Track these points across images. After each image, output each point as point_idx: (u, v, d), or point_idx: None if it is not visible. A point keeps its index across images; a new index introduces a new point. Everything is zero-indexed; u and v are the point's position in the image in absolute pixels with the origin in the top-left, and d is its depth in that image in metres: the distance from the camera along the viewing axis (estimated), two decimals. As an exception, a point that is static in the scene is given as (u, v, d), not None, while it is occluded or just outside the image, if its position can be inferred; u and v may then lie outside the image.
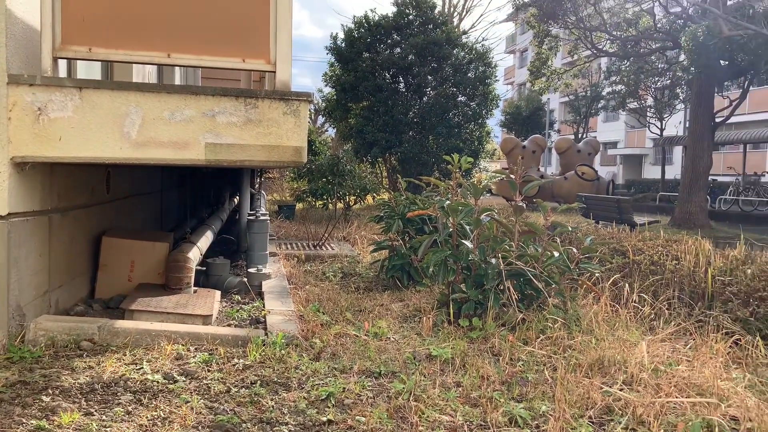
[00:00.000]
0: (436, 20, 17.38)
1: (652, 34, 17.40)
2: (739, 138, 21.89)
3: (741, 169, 21.81)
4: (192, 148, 3.55)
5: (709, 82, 15.39)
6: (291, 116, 3.77)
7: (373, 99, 16.47)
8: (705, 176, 15.46)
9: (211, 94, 3.58)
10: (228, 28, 3.69)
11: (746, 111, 26.35)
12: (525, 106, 34.17)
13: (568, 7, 17.31)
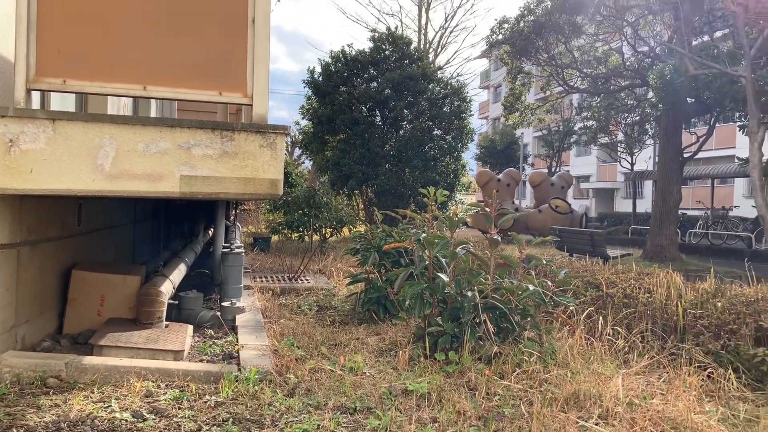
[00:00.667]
0: (412, 56, 17.70)
1: (621, 72, 17.94)
2: (707, 173, 22.48)
3: (710, 204, 22.33)
4: (167, 180, 3.52)
5: (676, 119, 15.86)
6: (267, 149, 3.77)
7: (350, 132, 16.61)
8: (675, 210, 15.80)
9: (187, 126, 3.57)
10: (205, 61, 3.71)
11: (713, 147, 27.13)
12: (499, 140, 34.75)
13: (540, 45, 17.81)
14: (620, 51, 18.36)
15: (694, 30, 15.25)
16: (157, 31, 3.63)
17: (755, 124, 10.44)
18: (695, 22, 15.19)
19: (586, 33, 18.14)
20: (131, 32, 3.57)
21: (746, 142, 11.46)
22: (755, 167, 10.28)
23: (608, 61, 19.06)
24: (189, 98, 3.70)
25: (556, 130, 31.72)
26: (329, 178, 17.24)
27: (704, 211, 22.72)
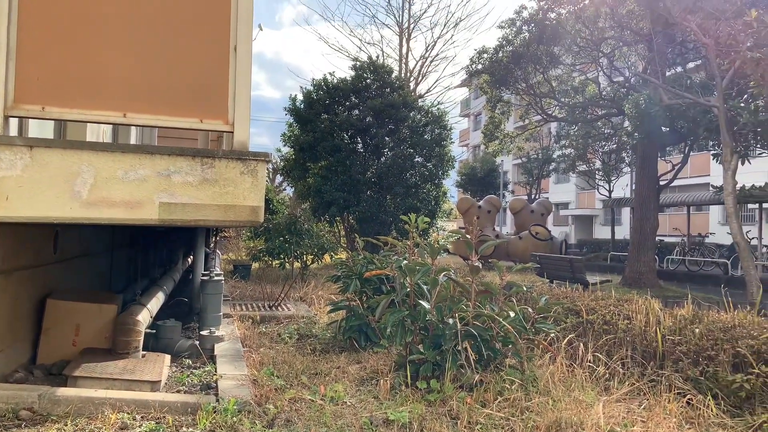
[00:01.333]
0: (393, 84, 17.91)
1: (598, 102, 18.31)
2: (683, 200, 22.87)
3: (686, 231, 22.67)
4: (145, 207, 3.49)
5: (652, 147, 16.18)
6: (248, 176, 3.77)
7: (332, 159, 16.65)
8: (652, 237, 16.01)
9: (167, 153, 3.55)
10: (186, 89, 3.71)
11: (688, 175, 27.65)
12: (480, 168, 35.08)
13: (518, 75, 18.14)
14: (597, 81, 18.77)
15: (668, 61, 15.67)
16: (138, 58, 3.64)
17: (728, 152, 10.69)
18: (668, 54, 15.62)
19: (564, 63, 18.54)
20: (112, 60, 3.57)
21: (720, 170, 11.72)
22: (729, 195, 10.48)
23: (585, 91, 19.46)
24: (169, 125, 3.70)
25: (535, 158, 32.14)
26: (311, 205, 17.22)
27: (681, 237, 23.05)
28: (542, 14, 16.93)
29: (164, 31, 3.73)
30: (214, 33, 3.81)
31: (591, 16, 16.39)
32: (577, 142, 22.77)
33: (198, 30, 3.81)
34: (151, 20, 3.71)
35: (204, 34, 3.81)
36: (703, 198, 21.44)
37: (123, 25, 3.64)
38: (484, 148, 27.37)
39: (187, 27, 3.78)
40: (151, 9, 3.71)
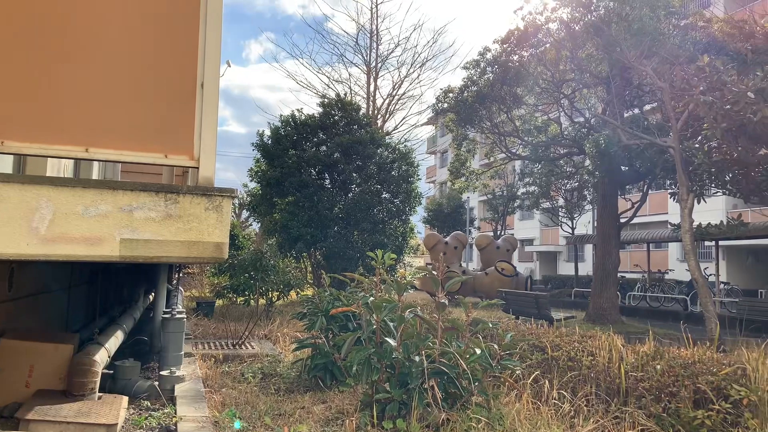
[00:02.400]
0: (360, 121, 18.11)
1: (560, 141, 18.81)
2: (643, 237, 23.44)
3: (646, 267, 23.18)
4: (106, 243, 3.42)
5: (612, 186, 16.63)
6: (213, 212, 3.73)
7: (299, 194, 16.63)
8: (614, 273, 16.31)
9: (129, 189, 3.50)
10: (151, 123, 3.69)
11: (647, 212, 28.42)
12: (446, 204, 35.45)
13: (483, 114, 18.55)
14: (558, 121, 19.32)
15: (626, 103, 16.25)
16: (102, 92, 3.61)
17: (684, 191, 11.05)
18: (626, 96, 16.21)
19: (527, 103, 19.05)
20: (74, 93, 3.53)
21: (677, 208, 12.09)
22: (686, 232, 10.80)
23: (548, 130, 19.99)
24: (133, 161, 3.65)
25: (500, 195, 32.66)
26: (277, 241, 17.09)
27: (642, 274, 23.55)
28: (505, 56, 17.45)
29: (130, 66, 3.72)
30: (180, 69, 3.81)
31: (552, 59, 16.96)
32: (540, 180, 23.29)
33: (165, 65, 3.80)
34: (116, 55, 3.69)
35: (171, 69, 3.81)
36: (661, 235, 22.02)
37: (86, 59, 3.61)
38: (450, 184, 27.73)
39: (154, 62, 3.78)
40: (117, 44, 3.70)
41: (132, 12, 3.75)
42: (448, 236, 22.91)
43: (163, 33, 4.01)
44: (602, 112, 16.66)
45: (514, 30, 17.22)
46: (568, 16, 15.94)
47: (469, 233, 34.15)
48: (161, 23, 3.89)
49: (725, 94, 10.38)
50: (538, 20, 16.50)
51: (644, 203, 17.41)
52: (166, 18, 3.91)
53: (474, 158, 22.45)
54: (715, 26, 13.17)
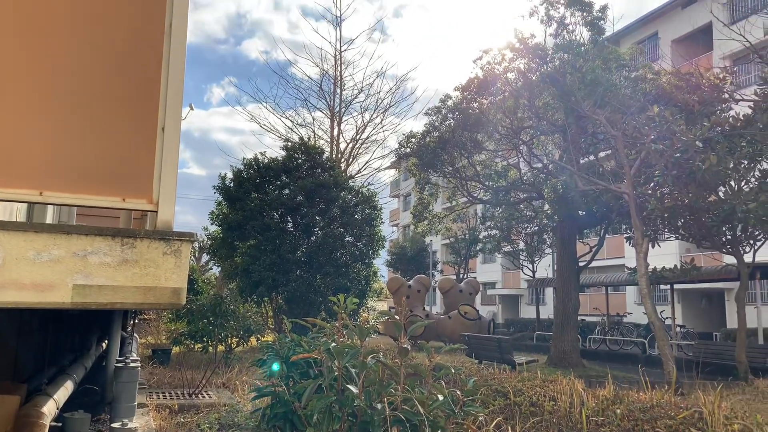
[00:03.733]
0: (324, 165, 18.20)
1: (520, 186, 19.24)
2: (601, 281, 23.89)
3: (605, 310, 23.56)
4: (58, 290, 3.30)
5: (571, 229, 17.00)
6: (171, 256, 3.65)
7: (261, 237, 16.47)
8: (574, 316, 16.51)
9: (84, 233, 3.41)
10: (109, 167, 3.63)
11: (605, 256, 29.06)
12: (410, 247, 35.58)
13: (445, 159, 18.89)
14: (518, 166, 19.79)
15: (581, 150, 16.80)
16: (59, 135, 3.55)
17: (639, 236, 11.37)
18: (582, 143, 16.77)
19: (487, 149, 19.50)
20: (29, 136, 3.46)
21: (634, 252, 12.41)
22: (642, 276, 11.06)
23: (507, 175, 20.44)
24: (89, 204, 3.57)
25: (462, 239, 32.98)
26: (238, 285, 16.79)
27: (601, 317, 23.90)
28: (466, 103, 17.93)
29: (89, 107, 3.67)
30: (141, 112, 3.78)
31: (511, 107, 17.49)
32: (501, 224, 23.68)
33: (125, 108, 3.77)
34: (74, 96, 3.65)
35: (131, 113, 3.78)
36: (619, 279, 22.49)
37: (43, 100, 3.56)
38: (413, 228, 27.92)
39: (114, 105, 3.75)
40: (76, 86, 3.67)
41: (92, 54, 3.73)
42: (412, 280, 22.92)
43: (125, 75, 3.99)
44: (559, 159, 17.16)
45: (473, 78, 17.76)
46: (524, 66, 16.55)
47: (432, 276, 34.23)
48: (123, 65, 3.88)
49: (675, 142, 10.84)
50: (496, 70, 17.06)
51: (602, 247, 17.82)
52: (128, 60, 3.90)
53: (436, 202, 22.73)
54: (664, 78, 13.85)
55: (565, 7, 16.51)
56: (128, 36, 3.72)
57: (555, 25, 16.66)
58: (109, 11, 3.59)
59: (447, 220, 23.87)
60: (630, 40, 29.20)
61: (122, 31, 3.66)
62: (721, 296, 25.54)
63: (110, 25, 3.62)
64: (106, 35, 3.60)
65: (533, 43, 16.48)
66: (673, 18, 28.89)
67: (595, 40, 16.33)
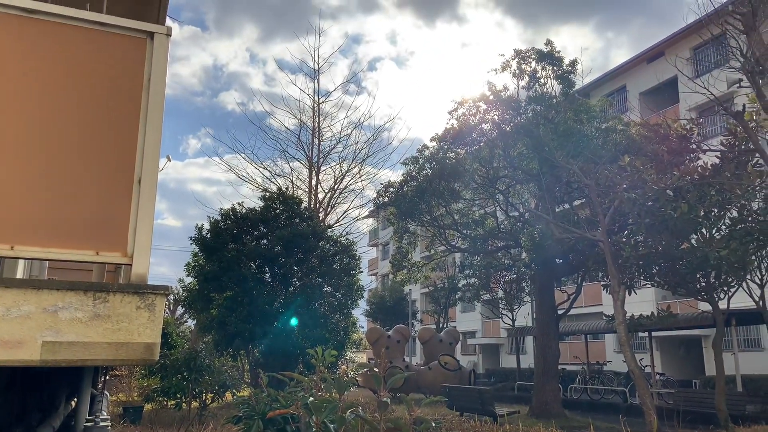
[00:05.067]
0: (302, 214, 18.18)
1: (497, 234, 19.40)
2: (580, 329, 23.90)
3: (585, 359, 23.48)
4: (26, 347, 3.20)
5: (548, 278, 17.09)
6: (145, 310, 3.57)
7: (238, 289, 16.23)
8: (555, 365, 16.42)
9: (55, 288, 3.34)
10: (83, 220, 3.58)
11: (583, 304, 29.14)
12: (389, 297, 35.38)
13: (423, 208, 19.04)
14: (495, 215, 20.02)
15: (556, 199, 17.09)
16: (31, 187, 3.51)
17: (616, 284, 11.47)
18: (556, 192, 17.07)
19: (464, 198, 19.73)
20: (0, 188, 3.42)
21: (611, 300, 12.49)
22: (620, 324, 11.10)
23: (485, 224, 20.62)
24: (62, 258, 3.50)
25: (441, 287, 32.91)
26: (213, 338, 16.43)
27: (581, 366, 23.79)
28: (442, 153, 18.23)
29: (63, 159, 3.64)
30: (118, 164, 3.76)
31: (486, 157, 17.82)
32: (480, 272, 23.73)
33: (101, 160, 3.75)
34: (48, 148, 3.62)
35: (107, 165, 3.75)
36: (597, 326, 22.52)
37: (16, 152, 3.53)
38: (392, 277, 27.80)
39: (90, 157, 3.72)
40: (50, 136, 3.64)
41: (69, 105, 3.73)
42: (391, 330, 22.69)
43: (102, 127, 3.98)
44: (535, 207, 17.41)
45: (449, 129, 18.12)
46: (499, 117, 16.97)
47: (411, 326, 33.94)
48: (100, 118, 3.88)
49: (646, 191, 11.09)
50: (471, 121, 17.46)
51: (579, 295, 17.91)
52: (106, 113, 3.90)
53: (415, 250, 22.76)
54: (633, 130, 14.29)
55: (536, 61, 17.10)
56: (107, 88, 3.74)
57: (527, 78, 17.21)
58: (88, 64, 3.62)
59: (426, 268, 23.84)
60: (599, 92, 30.18)
61: (101, 83, 3.68)
62: (698, 343, 25.67)
63: (88, 78, 3.64)
64: (84, 87, 3.62)
65: (506, 95, 16.96)
66: (639, 72, 30.03)
67: (566, 93, 16.87)
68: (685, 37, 25.59)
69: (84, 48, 3.57)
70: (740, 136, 11.38)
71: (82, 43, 3.55)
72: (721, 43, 13.58)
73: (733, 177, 11.07)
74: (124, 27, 3.57)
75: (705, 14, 10.73)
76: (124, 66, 3.72)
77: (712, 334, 17.35)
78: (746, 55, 8.94)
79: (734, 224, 11.67)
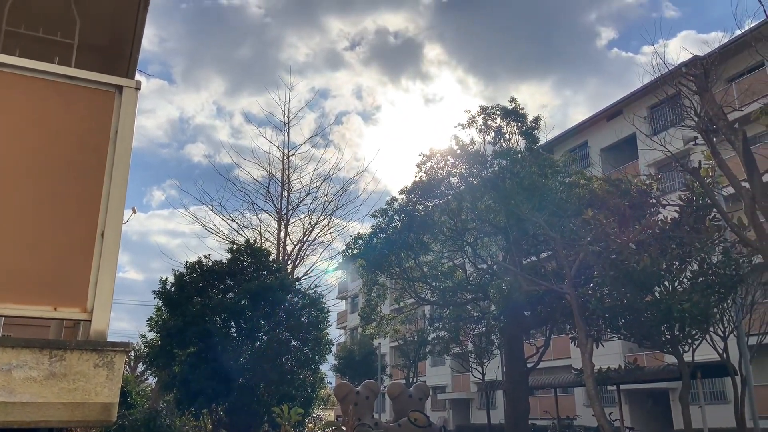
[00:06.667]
0: (270, 267, 17.96)
1: (466, 287, 19.46)
2: (550, 383, 23.79)
3: (555, 413, 23.28)
4: (-26, 408, 3.04)
5: (517, 330, 17.11)
6: (103, 369, 3.44)
7: (202, 344, 15.77)
8: (525, 421, 16.24)
9: (9, 345, 3.20)
10: (41, 274, 3.47)
11: (552, 357, 29.08)
12: (358, 351, 34.82)
13: (392, 260, 19.05)
14: (463, 267, 20.11)
15: (523, 251, 17.30)
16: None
17: (583, 336, 11.54)
18: (523, 245, 17.30)
19: (433, 250, 19.83)
20: (-41, 243, 3.31)
21: (579, 353, 12.53)
22: (589, 377, 11.11)
23: (454, 276, 20.68)
24: (16, 314, 3.38)
25: (411, 341, 32.56)
26: (175, 397, 15.81)
27: (551, 421, 23.56)
28: (411, 206, 18.41)
29: (22, 211, 3.56)
30: (80, 217, 3.68)
31: (455, 209, 18.05)
32: (449, 325, 23.64)
33: (63, 213, 3.67)
34: (6, 199, 3.54)
35: (69, 217, 3.67)
36: (566, 380, 22.45)
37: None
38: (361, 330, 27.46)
39: (51, 209, 3.64)
40: (9, 187, 3.56)
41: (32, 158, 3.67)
42: (360, 385, 22.18)
43: (66, 180, 3.91)
44: (503, 260, 17.58)
45: (418, 181, 18.37)
46: (466, 171, 17.30)
47: (381, 381, 33.33)
48: (64, 170, 3.81)
49: (610, 244, 11.33)
50: (439, 174, 17.75)
51: (548, 348, 17.92)
52: (71, 165, 3.84)
53: (384, 303, 22.62)
54: (596, 184, 14.69)
55: (501, 117, 17.62)
56: (73, 141, 3.70)
57: (493, 133, 17.68)
58: (55, 116, 3.59)
59: (395, 321, 23.68)
60: (562, 148, 31.09)
61: (66, 136, 3.64)
62: (666, 396, 25.76)
63: (54, 130, 3.60)
64: (49, 139, 3.58)
65: (473, 149, 17.36)
66: (600, 129, 31.13)
67: (531, 148, 17.35)
68: (642, 97, 26.72)
69: (51, 101, 3.55)
70: (697, 191, 11.80)
71: (49, 96, 3.54)
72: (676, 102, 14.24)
73: (692, 231, 11.41)
74: (92, 80, 3.57)
75: (660, 75, 11.27)
76: (91, 119, 3.69)
77: (678, 387, 17.46)
78: (700, 114, 9.38)
79: (695, 277, 11.94)
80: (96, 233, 3.63)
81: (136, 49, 5.20)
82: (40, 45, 4.60)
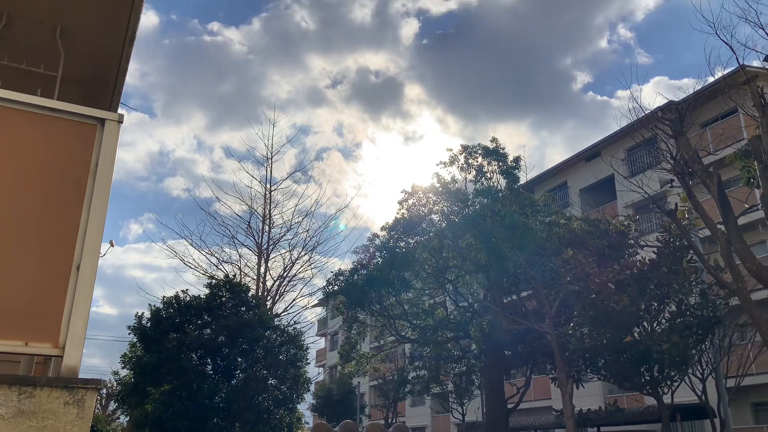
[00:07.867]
0: (249, 303, 17.71)
1: (447, 324, 19.36)
2: (530, 423, 23.53)
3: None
4: (-65, 448, 2.92)
5: (498, 370, 16.99)
6: (74, 407, 3.33)
7: (177, 382, 15.38)
8: (506, 462, 16.00)
9: (-24, 381, 3.10)
10: (12, 307, 3.37)
11: (533, 398, 28.83)
12: (336, 390, 34.23)
13: (373, 297, 18.93)
14: (444, 305, 20.05)
15: (504, 290, 17.32)
16: (-37, 274, 3.32)
17: (563, 376, 11.49)
18: (504, 283, 17.33)
19: (414, 287, 19.76)
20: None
21: (559, 393, 12.45)
22: (569, 419, 11.02)
23: (434, 314, 20.57)
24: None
25: (391, 379, 32.13)
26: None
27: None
28: (393, 242, 18.41)
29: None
30: (56, 249, 3.62)
31: (436, 246, 18.07)
32: (429, 364, 23.40)
33: (38, 245, 3.60)
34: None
35: (44, 250, 3.60)
36: (547, 421, 22.24)
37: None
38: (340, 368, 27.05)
39: (25, 241, 3.57)
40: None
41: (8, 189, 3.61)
42: (338, 426, 21.73)
43: (42, 211, 3.85)
44: (484, 298, 17.57)
45: (400, 218, 18.43)
46: (447, 209, 17.41)
47: (359, 421, 32.70)
48: (41, 201, 3.75)
49: (590, 284, 11.39)
50: (421, 211, 17.84)
51: (529, 388, 17.78)
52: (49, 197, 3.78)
53: (364, 341, 22.38)
54: (575, 224, 14.85)
55: (483, 156, 17.86)
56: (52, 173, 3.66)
57: (474, 172, 17.88)
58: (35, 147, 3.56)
59: (375, 359, 23.38)
60: (543, 188, 31.50)
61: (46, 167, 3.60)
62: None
63: (34, 161, 3.57)
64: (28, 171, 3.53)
65: (455, 187, 17.51)
66: (579, 170, 31.65)
67: (511, 187, 17.56)
68: (620, 139, 27.27)
69: (32, 132, 3.52)
70: (674, 233, 11.98)
71: (30, 128, 3.51)
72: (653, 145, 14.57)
73: (670, 272, 11.53)
74: (75, 113, 3.55)
75: (636, 119, 11.55)
76: (72, 151, 3.67)
77: (659, 430, 17.37)
78: (676, 157, 9.60)
79: (674, 318, 12.03)
80: (71, 266, 3.56)
81: (120, 82, 5.21)
82: (23, 76, 4.59)
